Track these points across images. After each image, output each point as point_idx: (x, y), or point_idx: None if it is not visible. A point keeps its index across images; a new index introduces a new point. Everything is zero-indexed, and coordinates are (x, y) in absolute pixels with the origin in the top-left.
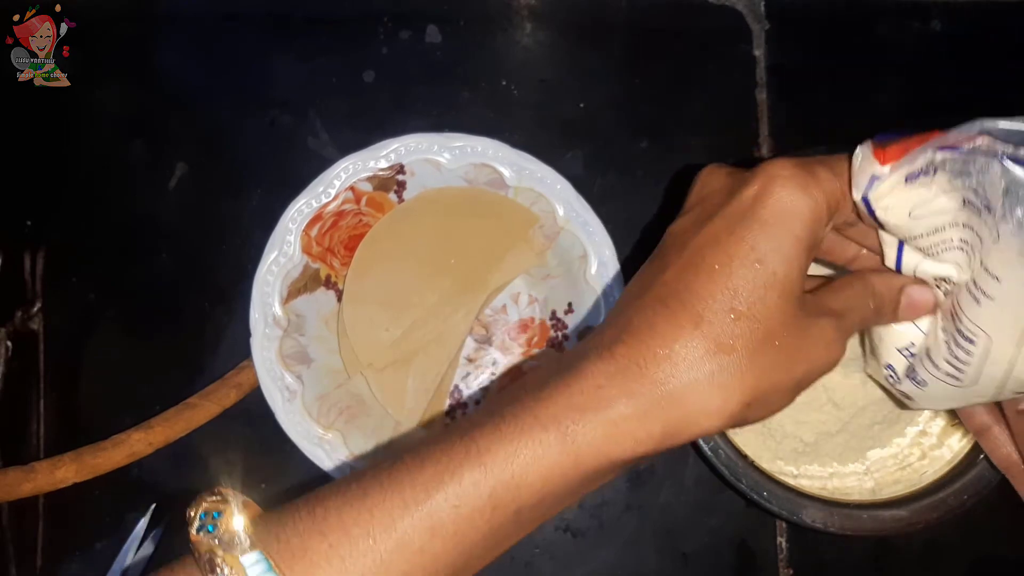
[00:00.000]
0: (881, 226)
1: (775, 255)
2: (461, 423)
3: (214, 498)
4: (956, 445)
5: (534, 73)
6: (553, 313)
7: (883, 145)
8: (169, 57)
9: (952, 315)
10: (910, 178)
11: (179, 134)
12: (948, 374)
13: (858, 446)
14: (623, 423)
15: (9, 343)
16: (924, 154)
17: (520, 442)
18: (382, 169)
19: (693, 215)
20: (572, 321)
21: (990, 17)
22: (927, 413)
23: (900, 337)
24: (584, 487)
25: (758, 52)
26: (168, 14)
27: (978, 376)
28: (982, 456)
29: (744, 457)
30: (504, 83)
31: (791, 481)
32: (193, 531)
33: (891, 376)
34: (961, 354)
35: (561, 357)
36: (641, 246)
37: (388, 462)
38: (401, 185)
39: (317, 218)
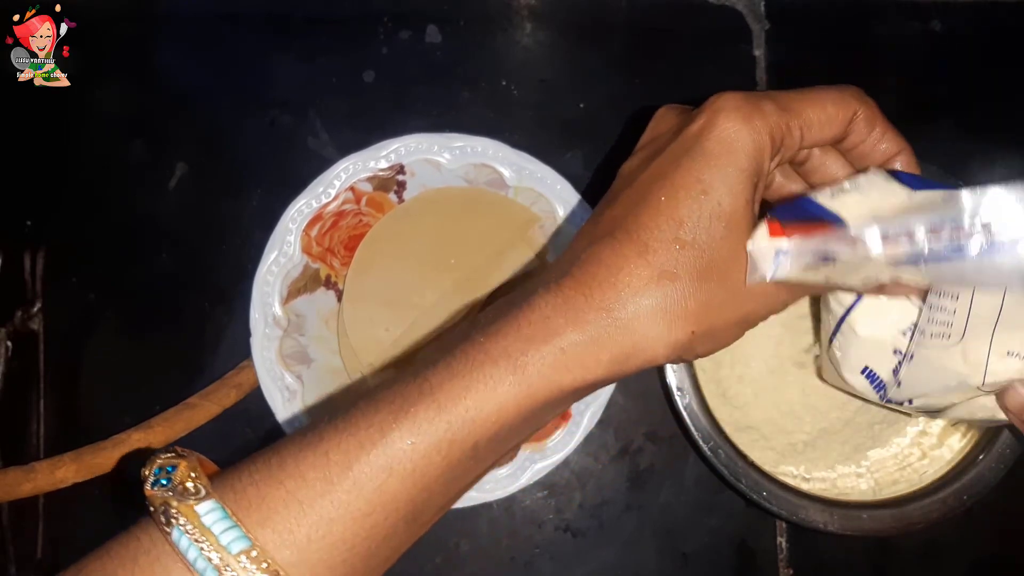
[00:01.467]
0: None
1: (720, 186)
2: (414, 366)
3: (168, 455)
4: (956, 445)
5: (534, 73)
6: None
7: (780, 222)
8: (169, 57)
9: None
10: (807, 268)
11: (179, 134)
12: (938, 334)
13: (858, 446)
14: (572, 351)
15: (9, 343)
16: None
17: (471, 376)
18: (382, 169)
19: (643, 153)
20: None
21: (990, 17)
22: None
23: (902, 319)
24: (540, 417)
25: (758, 52)
26: (168, 14)
27: (964, 326)
28: (982, 456)
29: (744, 457)
30: (504, 83)
31: (791, 481)
32: (147, 487)
33: (899, 358)
34: (947, 302)
35: (511, 296)
36: (593, 186)
37: (344, 408)
38: (401, 185)
39: (317, 218)
